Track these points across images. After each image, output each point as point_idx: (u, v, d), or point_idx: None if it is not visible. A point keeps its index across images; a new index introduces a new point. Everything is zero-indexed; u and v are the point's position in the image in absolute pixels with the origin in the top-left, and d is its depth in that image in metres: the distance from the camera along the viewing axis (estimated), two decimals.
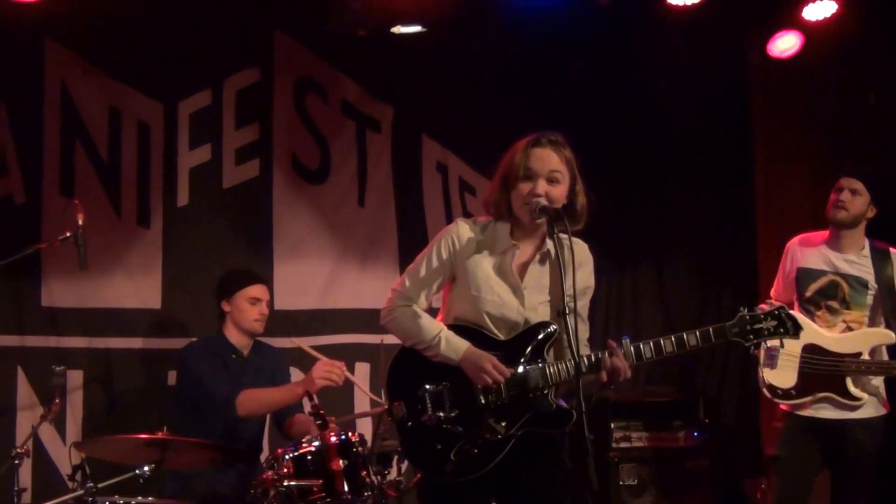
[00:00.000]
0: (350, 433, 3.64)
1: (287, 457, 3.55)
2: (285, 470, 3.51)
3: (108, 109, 4.85)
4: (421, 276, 3.01)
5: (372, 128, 5.30)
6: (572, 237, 2.86)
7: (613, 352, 2.87)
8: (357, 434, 3.66)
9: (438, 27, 5.03)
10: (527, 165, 2.93)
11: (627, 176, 5.55)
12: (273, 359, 4.44)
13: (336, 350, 4.83)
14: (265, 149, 5.09)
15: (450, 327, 2.97)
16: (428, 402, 2.90)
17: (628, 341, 2.90)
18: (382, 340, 4.34)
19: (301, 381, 4.07)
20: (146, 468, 3.51)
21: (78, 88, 4.79)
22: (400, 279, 3.07)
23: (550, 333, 2.94)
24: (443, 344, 2.92)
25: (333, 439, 3.55)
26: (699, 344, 2.93)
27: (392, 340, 3.15)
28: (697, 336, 2.93)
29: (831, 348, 3.91)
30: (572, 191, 2.97)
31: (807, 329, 3.83)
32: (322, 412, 3.60)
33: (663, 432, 5.02)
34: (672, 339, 2.92)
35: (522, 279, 2.97)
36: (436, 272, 3.00)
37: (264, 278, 4.56)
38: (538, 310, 2.96)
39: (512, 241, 2.98)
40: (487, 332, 2.95)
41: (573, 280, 2.86)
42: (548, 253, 2.97)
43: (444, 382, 2.92)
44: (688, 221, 5.66)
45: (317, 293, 5.10)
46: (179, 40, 4.87)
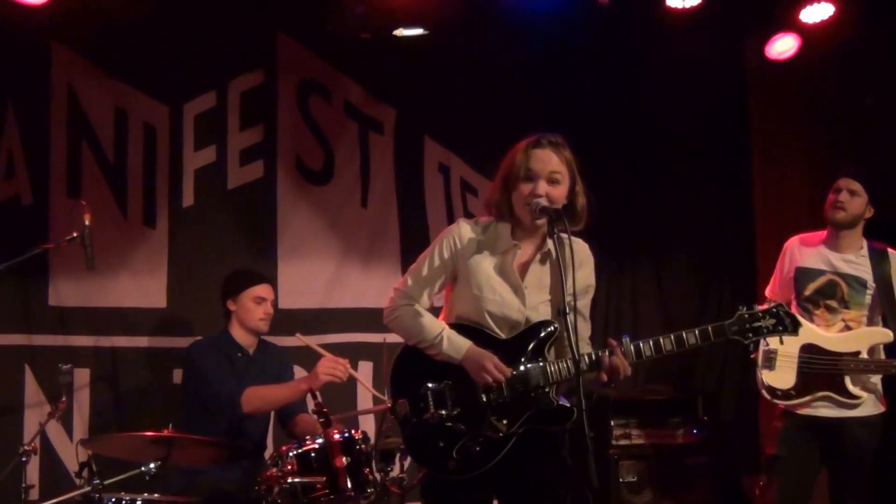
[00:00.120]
0: (353, 430, 3.63)
1: (291, 454, 3.55)
2: (289, 467, 3.51)
3: (115, 111, 4.86)
4: (423, 276, 3.01)
5: (375, 129, 5.30)
6: (573, 237, 2.86)
7: (613, 350, 2.86)
8: (360, 431, 3.66)
9: (440, 30, 5.03)
10: (527, 167, 2.92)
11: (627, 176, 5.54)
12: (277, 357, 4.44)
13: (339, 349, 4.80)
14: (269, 150, 5.09)
15: (452, 326, 2.97)
16: (430, 401, 2.90)
17: (628, 340, 2.90)
18: (385, 339, 4.34)
19: (305, 378, 4.07)
20: (152, 465, 3.51)
21: (84, 91, 4.80)
22: (403, 279, 3.07)
23: (551, 332, 2.93)
24: (445, 343, 2.92)
25: (337, 437, 3.56)
26: (698, 342, 2.92)
27: (394, 339, 3.15)
28: (697, 335, 2.92)
29: (830, 347, 3.90)
30: (572, 191, 2.96)
31: (804, 329, 3.82)
32: (325, 410, 3.60)
33: (662, 429, 5.02)
34: (671, 338, 2.92)
35: (523, 279, 2.97)
36: (437, 271, 3.00)
37: (269, 278, 4.56)
38: (539, 309, 2.96)
39: (513, 242, 2.97)
40: (489, 331, 2.95)
41: (573, 279, 2.85)
42: (548, 253, 2.96)
43: (447, 381, 2.92)
44: (687, 221, 5.65)
45: (320, 293, 5.10)
46: (184, 43, 4.88)
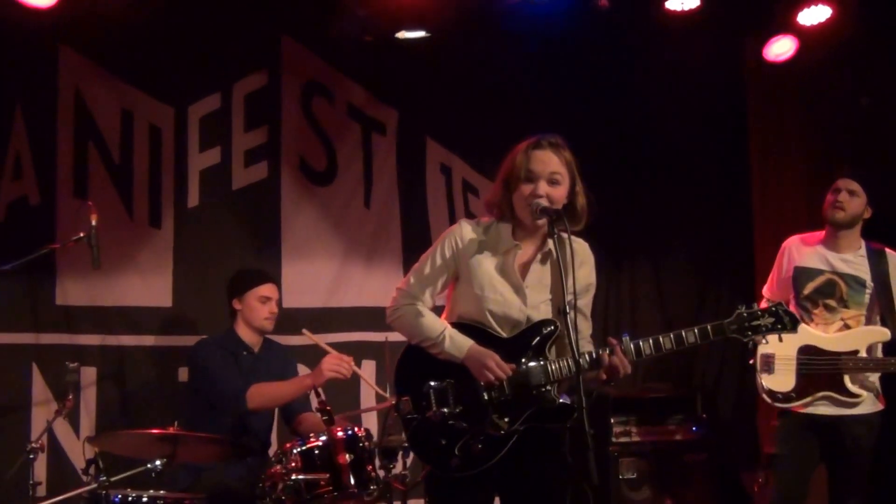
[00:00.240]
0: (356, 428, 3.63)
1: (295, 451, 3.54)
2: (293, 464, 3.51)
3: (121, 113, 4.85)
4: (425, 275, 3.00)
5: (377, 131, 5.30)
6: (573, 237, 2.86)
7: (613, 349, 2.86)
8: (363, 429, 3.66)
9: (442, 33, 5.03)
10: (528, 168, 2.92)
11: (626, 176, 5.53)
12: (282, 356, 4.44)
13: (342, 348, 4.75)
14: (273, 151, 5.08)
15: (454, 325, 2.97)
16: (433, 399, 2.90)
17: (628, 339, 2.89)
18: (387, 338, 4.34)
19: (310, 374, 4.07)
20: (158, 462, 3.51)
21: (91, 93, 4.79)
22: (405, 278, 3.07)
23: (552, 331, 2.93)
24: (447, 341, 2.92)
25: (340, 434, 3.55)
26: (697, 341, 2.92)
27: (396, 338, 3.15)
28: (696, 333, 2.92)
29: (828, 348, 3.88)
30: (572, 191, 2.96)
31: (801, 331, 3.81)
32: (329, 408, 3.60)
33: (662, 427, 5.01)
34: (671, 337, 2.91)
35: (524, 278, 2.97)
36: (439, 271, 3.00)
37: (274, 277, 4.55)
38: (540, 308, 2.96)
39: (514, 242, 2.97)
40: (491, 330, 2.95)
41: (573, 279, 2.85)
42: (549, 252, 2.96)
43: (449, 379, 2.92)
44: (686, 221, 5.64)
45: (323, 292, 5.09)
46: (189, 46, 4.88)
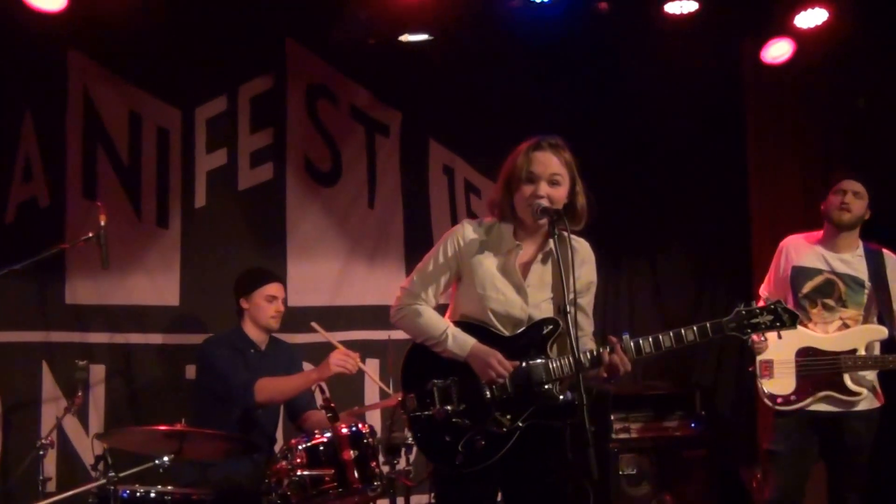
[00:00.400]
0: (361, 424, 3.63)
1: (300, 447, 3.54)
2: (298, 460, 3.50)
3: (129, 115, 4.85)
4: (428, 275, 3.00)
5: (381, 132, 5.29)
6: (575, 236, 2.85)
7: (614, 347, 2.86)
8: (367, 425, 3.65)
9: (444, 36, 5.02)
10: (529, 169, 2.92)
11: (625, 177, 5.53)
12: (287, 353, 4.45)
13: (346, 346, 4.75)
14: (278, 152, 5.08)
15: (456, 324, 2.97)
16: (436, 397, 2.90)
17: (628, 337, 2.89)
18: (389, 336, 4.34)
19: (317, 368, 4.07)
20: (165, 458, 3.49)
21: (100, 96, 4.79)
22: (409, 278, 3.07)
23: (553, 329, 2.93)
24: (449, 340, 2.92)
25: (344, 431, 3.55)
26: (697, 339, 2.91)
27: (399, 336, 3.15)
28: (695, 331, 2.91)
29: (826, 348, 3.86)
30: (572, 191, 2.96)
31: (798, 334, 3.80)
32: (333, 405, 3.59)
33: (661, 423, 5.01)
34: (670, 335, 2.90)
35: (526, 277, 2.96)
36: (442, 271, 3.00)
37: (280, 277, 4.56)
38: (541, 307, 2.95)
39: (515, 242, 2.97)
40: (493, 329, 2.94)
41: (574, 278, 2.84)
42: (550, 252, 2.95)
43: (452, 377, 2.91)
44: (684, 221, 5.64)
45: (328, 291, 5.09)
46: (196, 50, 4.87)
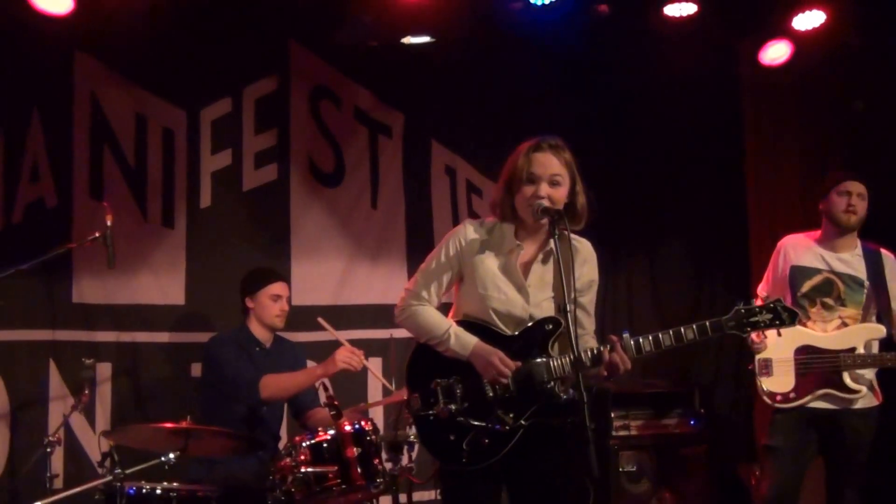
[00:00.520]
0: (364, 422, 3.63)
1: (304, 444, 3.54)
2: (302, 457, 3.51)
3: (135, 117, 4.85)
4: (430, 275, 3.01)
5: (383, 133, 5.30)
6: (576, 235, 2.85)
7: (614, 346, 2.85)
8: (370, 423, 3.65)
9: (447, 38, 5.02)
10: (529, 170, 2.92)
11: (625, 178, 5.53)
12: (292, 352, 4.46)
13: (349, 344, 4.82)
14: (283, 153, 5.08)
15: (459, 323, 2.96)
16: (440, 395, 2.90)
17: (628, 336, 2.88)
18: (392, 335, 4.34)
19: (322, 364, 4.09)
20: (171, 455, 3.50)
21: (106, 97, 4.79)
22: (413, 279, 3.07)
23: (555, 328, 2.92)
24: (452, 339, 2.92)
25: (348, 428, 3.55)
26: (696, 337, 2.90)
27: (401, 335, 3.15)
28: (695, 330, 2.90)
29: (825, 346, 3.85)
30: (573, 191, 2.96)
31: (796, 332, 3.79)
32: (336, 403, 3.60)
33: (661, 421, 5.01)
34: (670, 333, 2.90)
35: (527, 277, 2.96)
36: (444, 270, 3.00)
37: (285, 276, 4.56)
38: (542, 306, 2.95)
39: (516, 242, 2.97)
40: (495, 328, 2.94)
41: (574, 277, 2.84)
42: (551, 252, 2.95)
43: (455, 376, 2.91)
44: (682, 221, 5.64)
45: (331, 290, 5.10)
46: (201, 52, 4.88)
